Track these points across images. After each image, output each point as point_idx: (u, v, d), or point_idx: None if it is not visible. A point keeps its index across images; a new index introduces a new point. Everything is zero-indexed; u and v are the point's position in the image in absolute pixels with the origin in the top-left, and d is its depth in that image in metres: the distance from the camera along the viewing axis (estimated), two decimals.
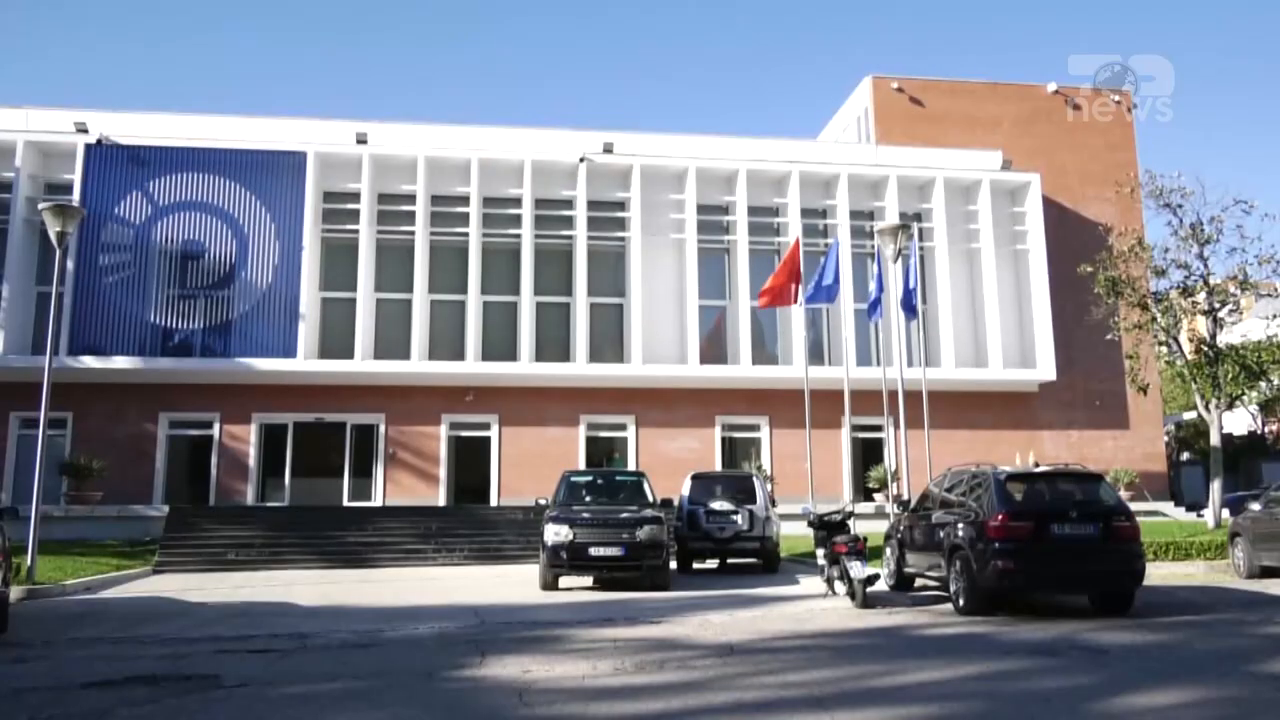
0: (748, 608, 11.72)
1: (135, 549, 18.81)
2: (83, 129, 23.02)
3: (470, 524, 20.93)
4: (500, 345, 24.26)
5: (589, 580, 14.58)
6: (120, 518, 21.04)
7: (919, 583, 13.39)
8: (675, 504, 17.18)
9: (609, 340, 25.11)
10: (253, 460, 23.46)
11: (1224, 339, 21.67)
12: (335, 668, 7.77)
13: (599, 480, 17.32)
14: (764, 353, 25.51)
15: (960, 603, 10.94)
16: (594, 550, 13.58)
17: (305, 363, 22.91)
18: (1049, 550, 10.57)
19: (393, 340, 23.86)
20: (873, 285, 20.59)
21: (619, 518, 14.09)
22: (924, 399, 18.17)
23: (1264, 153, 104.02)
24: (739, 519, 16.59)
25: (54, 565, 15.43)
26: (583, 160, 24.47)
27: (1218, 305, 20.62)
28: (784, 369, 24.44)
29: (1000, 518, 10.59)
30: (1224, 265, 20.84)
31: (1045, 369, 25.42)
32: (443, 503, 23.52)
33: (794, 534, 18.94)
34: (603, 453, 25.04)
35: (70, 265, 21.51)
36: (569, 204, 24.82)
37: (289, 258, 23.24)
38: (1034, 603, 11.51)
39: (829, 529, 12.98)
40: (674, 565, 15.91)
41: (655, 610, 11.36)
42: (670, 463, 22.82)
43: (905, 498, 15.76)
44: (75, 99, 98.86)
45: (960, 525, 11.23)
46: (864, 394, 20.56)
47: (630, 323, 24.51)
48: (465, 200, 24.20)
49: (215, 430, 23.47)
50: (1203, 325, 21.59)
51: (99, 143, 22.93)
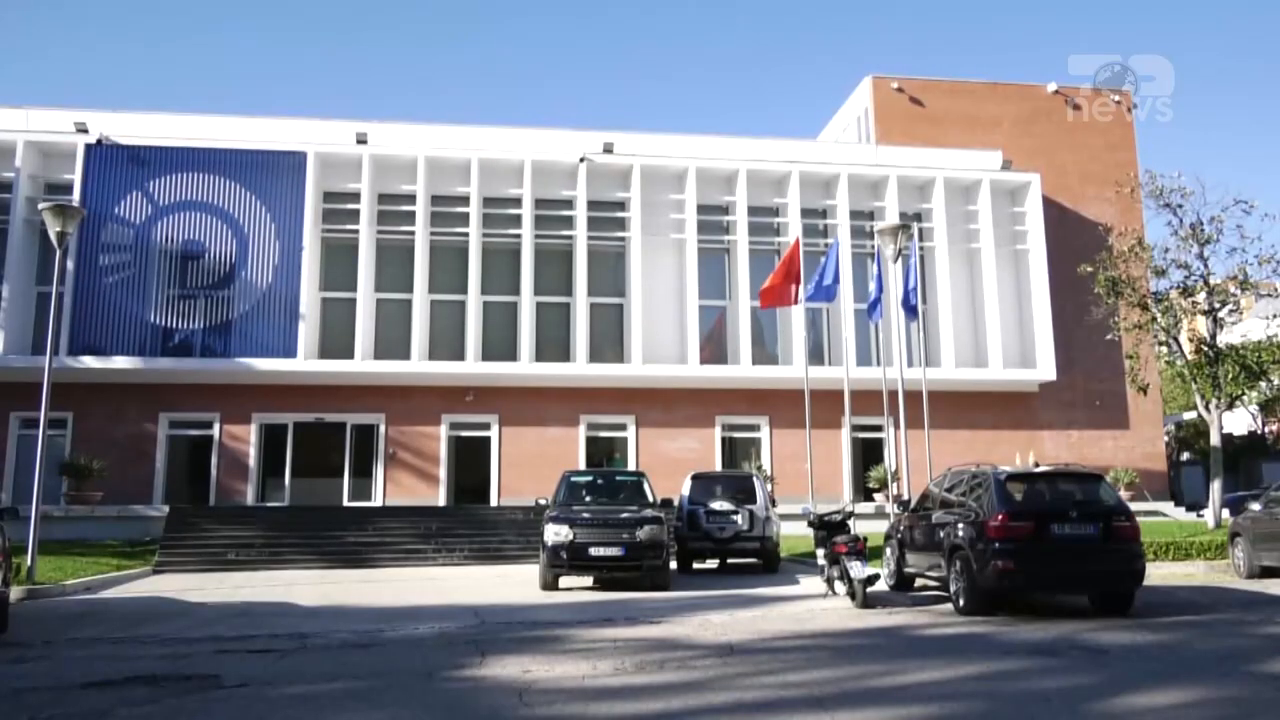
0: (748, 608, 11.71)
1: (135, 549, 18.81)
2: (83, 129, 23.02)
3: (470, 524, 20.94)
4: (500, 345, 24.27)
5: (589, 580, 14.57)
6: (120, 518, 21.03)
7: (919, 583, 13.39)
8: (675, 504, 17.18)
9: (609, 340, 25.11)
10: (253, 460, 23.46)
11: (1224, 339, 21.65)
12: (335, 668, 7.77)
13: (599, 480, 17.30)
14: (764, 353, 25.51)
15: (960, 603, 10.95)
16: (594, 550, 13.58)
17: (305, 363, 22.92)
18: (1049, 550, 10.56)
19: (393, 340, 23.87)
20: (873, 285, 20.60)
21: (619, 518, 14.09)
22: (924, 399, 18.17)
23: (1264, 153, 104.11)
24: (739, 519, 16.59)
25: (54, 565, 15.44)
26: (583, 160, 24.47)
27: (1218, 305, 20.61)
28: (784, 369, 24.44)
29: (1000, 518, 10.59)
30: (1224, 265, 20.90)
31: (1045, 369, 25.42)
32: (443, 503, 23.52)
33: (794, 534, 18.94)
34: (603, 453, 25.04)
35: (70, 265, 21.53)
36: (569, 204, 24.83)
37: (289, 258, 23.25)
38: (1034, 603, 11.51)
39: (829, 529, 13.00)
40: (674, 565, 15.90)
41: (655, 610, 11.36)
42: (670, 463, 22.84)
43: (905, 498, 15.74)
44: (75, 99, 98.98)
45: (960, 525, 11.23)
46: (864, 394, 20.57)
47: (630, 323, 24.51)
48: (465, 200, 24.21)
49: (215, 430, 23.48)
50: (1203, 325, 21.58)
51: (99, 143, 22.93)
